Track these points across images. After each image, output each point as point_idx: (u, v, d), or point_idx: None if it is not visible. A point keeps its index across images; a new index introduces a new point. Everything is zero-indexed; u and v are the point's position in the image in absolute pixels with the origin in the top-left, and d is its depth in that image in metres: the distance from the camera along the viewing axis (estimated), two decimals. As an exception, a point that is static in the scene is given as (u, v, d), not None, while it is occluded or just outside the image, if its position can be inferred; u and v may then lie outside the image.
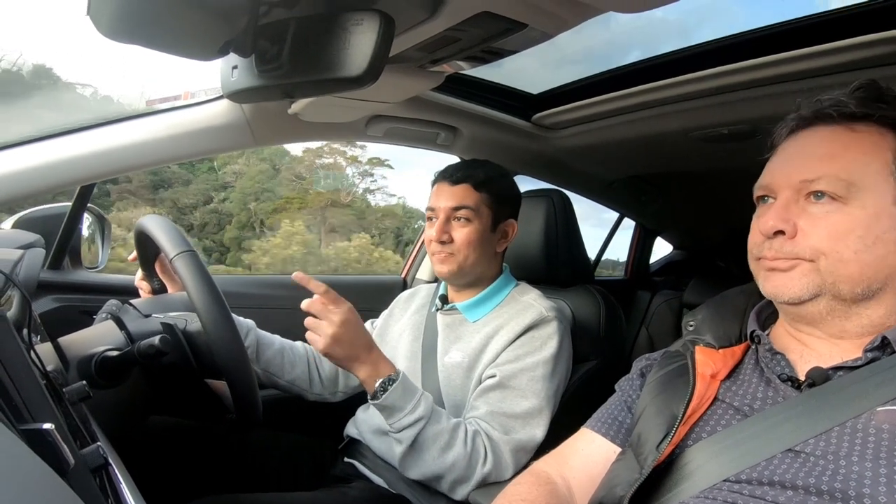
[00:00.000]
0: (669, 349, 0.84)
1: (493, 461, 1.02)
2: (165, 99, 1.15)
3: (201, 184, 15.73)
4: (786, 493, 0.57)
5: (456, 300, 1.24)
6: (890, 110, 0.65)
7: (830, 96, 0.68)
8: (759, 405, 0.68)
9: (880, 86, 0.67)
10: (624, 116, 1.35)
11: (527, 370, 1.08)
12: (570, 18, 0.80)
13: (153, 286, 1.13)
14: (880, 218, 0.62)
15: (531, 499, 0.75)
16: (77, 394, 0.61)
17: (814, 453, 0.59)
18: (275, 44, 0.65)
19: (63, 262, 1.37)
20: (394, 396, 0.97)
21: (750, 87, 1.09)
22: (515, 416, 1.05)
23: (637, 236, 2.59)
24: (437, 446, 0.99)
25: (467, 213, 1.17)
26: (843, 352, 0.66)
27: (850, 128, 0.65)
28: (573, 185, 1.88)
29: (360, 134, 1.36)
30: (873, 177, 0.63)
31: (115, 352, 0.84)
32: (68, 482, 0.32)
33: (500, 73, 1.36)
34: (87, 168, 1.06)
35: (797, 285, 0.65)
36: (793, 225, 0.65)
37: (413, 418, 0.97)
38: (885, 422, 0.58)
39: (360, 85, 0.61)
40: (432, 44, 0.86)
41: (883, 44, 0.89)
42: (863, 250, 0.62)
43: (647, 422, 0.72)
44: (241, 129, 1.16)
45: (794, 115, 0.71)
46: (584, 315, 1.32)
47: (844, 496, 0.54)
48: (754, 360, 0.74)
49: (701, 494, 0.62)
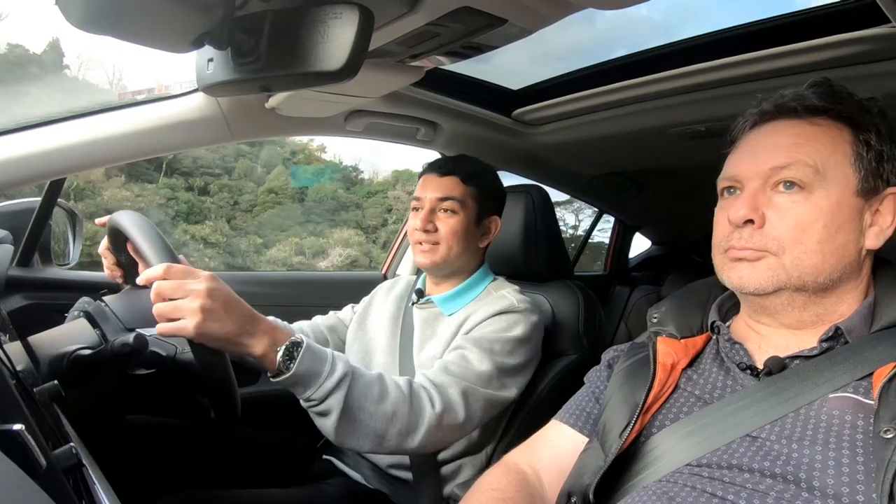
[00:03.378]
0: (636, 340, 0.86)
1: (442, 401, 0.95)
2: (138, 91, 1.13)
3: (370, 207, 14.83)
4: (743, 475, 0.60)
5: (433, 293, 1.24)
6: (846, 105, 0.68)
7: (790, 92, 0.71)
8: (719, 393, 0.70)
9: (833, 83, 0.70)
10: (604, 113, 1.36)
11: (487, 340, 1.06)
12: (549, 15, 0.80)
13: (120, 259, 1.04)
14: (842, 207, 0.65)
15: (501, 487, 0.76)
16: (49, 394, 0.60)
17: (769, 438, 0.62)
18: (251, 36, 0.64)
19: (33, 258, 1.34)
20: (306, 362, 0.82)
21: (728, 85, 1.11)
22: (468, 371, 1.01)
23: (616, 232, 2.62)
24: (371, 400, 0.88)
25: (453, 204, 1.17)
26: (800, 341, 0.69)
27: (811, 121, 0.69)
28: (553, 181, 1.89)
29: (339, 129, 1.35)
30: (835, 168, 0.66)
31: (87, 350, 0.82)
32: (40, 484, 0.32)
33: (482, 68, 1.36)
34: (58, 162, 1.03)
35: (763, 277, 0.67)
36: (761, 214, 0.67)
37: (335, 379, 0.84)
38: (836, 408, 0.61)
39: (338, 79, 0.61)
40: (412, 38, 0.86)
41: (855, 43, 0.91)
42: (826, 239, 0.65)
43: (612, 411, 0.74)
44: (217, 124, 1.14)
45: (756, 109, 0.74)
46: (563, 310, 1.33)
47: (795, 479, 0.56)
48: (715, 349, 0.76)
49: (663, 479, 0.65)
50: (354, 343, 1.29)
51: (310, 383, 0.83)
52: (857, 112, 0.68)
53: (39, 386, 0.60)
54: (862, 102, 0.69)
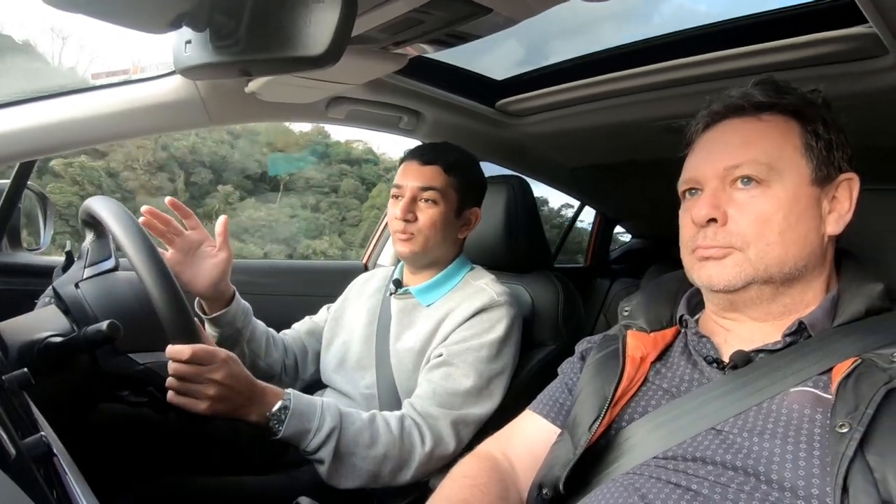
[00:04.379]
0: (608, 333, 0.88)
1: (432, 437, 1.01)
2: (113, 73, 1.10)
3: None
4: (706, 467, 0.62)
5: (410, 283, 1.24)
6: (792, 99, 0.70)
7: (737, 91, 0.73)
8: (686, 386, 0.72)
9: (776, 80, 0.73)
10: (587, 105, 1.37)
11: (472, 350, 1.09)
12: (535, 4, 0.80)
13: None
14: (799, 198, 0.68)
15: (473, 474, 0.77)
16: (18, 381, 0.59)
17: (732, 431, 0.63)
18: (231, 18, 0.63)
19: (1, 243, 1.30)
20: (293, 424, 0.90)
21: (711, 80, 1.12)
22: (457, 393, 1.06)
23: (597, 224, 2.64)
24: (362, 445, 0.95)
25: (434, 194, 1.17)
26: (765, 335, 0.71)
27: (758, 118, 0.71)
28: (535, 173, 1.89)
29: (320, 116, 1.33)
30: (787, 160, 0.68)
31: (59, 338, 0.80)
32: (9, 473, 0.31)
33: (465, 57, 1.35)
34: (28, 143, 1.00)
35: (730, 273, 0.68)
36: (723, 212, 0.69)
37: (323, 434, 0.92)
38: (795, 402, 0.62)
39: (320, 65, 0.59)
40: (395, 25, 0.85)
41: (834, 42, 0.93)
42: (787, 230, 0.67)
43: (582, 404, 0.75)
44: (195, 107, 1.12)
45: (706, 111, 0.76)
46: (543, 301, 1.34)
47: (755, 472, 0.58)
48: (683, 343, 0.78)
49: (631, 471, 0.66)
50: (333, 340, 1.29)
51: (300, 440, 0.92)
52: (802, 104, 0.70)
53: (8, 374, 0.59)
54: (806, 95, 0.72)
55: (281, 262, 1.36)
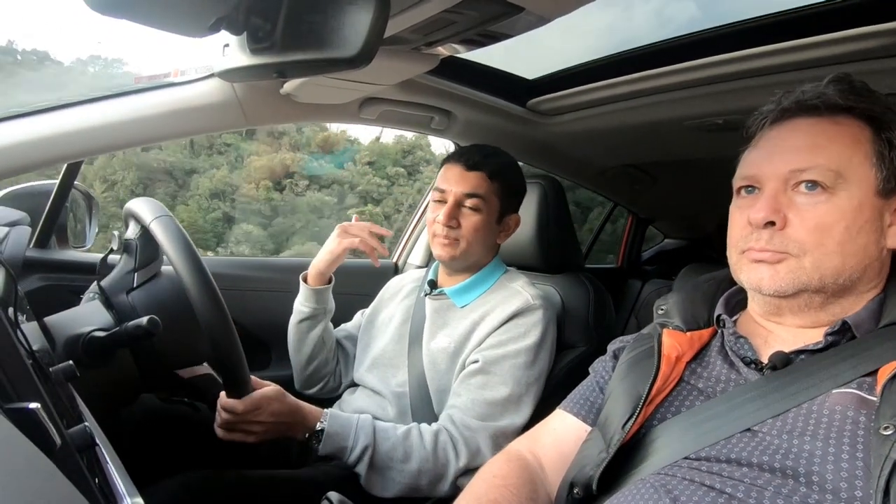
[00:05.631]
0: (642, 332, 0.86)
1: (468, 452, 1.02)
2: (154, 76, 1.13)
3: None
4: (741, 469, 0.60)
5: (445, 285, 1.24)
6: (868, 103, 0.66)
7: (811, 88, 0.69)
8: (723, 387, 0.70)
9: (853, 79, 0.68)
10: (619, 104, 1.34)
11: (509, 357, 1.08)
12: (568, 2, 0.79)
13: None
14: (863, 208, 0.64)
15: (502, 474, 0.77)
16: (64, 374, 0.61)
17: (769, 433, 0.61)
18: (267, 21, 0.64)
19: (50, 240, 1.35)
20: (329, 443, 0.99)
21: (746, 77, 1.09)
22: (495, 403, 1.06)
23: (630, 225, 2.60)
24: (397, 461, 1.00)
25: (478, 202, 1.16)
26: (807, 338, 0.68)
27: (833, 120, 0.67)
28: (567, 172, 1.87)
29: (353, 116, 1.34)
30: (856, 168, 0.64)
31: (102, 332, 0.83)
32: (55, 462, 0.32)
33: (496, 56, 1.34)
34: (75, 145, 1.04)
35: (784, 279, 0.66)
36: (783, 216, 0.66)
37: (357, 452, 0.99)
38: (838, 403, 0.60)
39: (354, 66, 0.60)
40: (427, 26, 0.85)
41: (877, 37, 0.89)
42: (847, 241, 0.64)
43: (615, 402, 0.74)
44: (232, 109, 1.14)
45: (776, 106, 0.72)
46: (574, 302, 1.33)
47: (794, 473, 0.56)
48: (720, 343, 0.76)
49: (661, 471, 0.64)
50: (367, 341, 1.32)
51: (339, 456, 1.00)
52: (879, 110, 0.66)
53: (55, 366, 0.61)
54: (885, 99, 0.67)
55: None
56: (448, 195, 1.17)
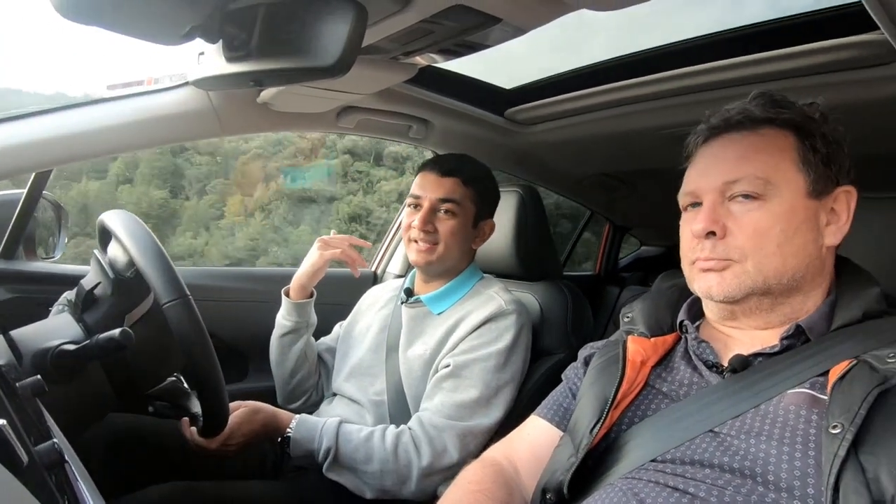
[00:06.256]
0: (610, 339, 0.89)
1: (431, 451, 1.03)
2: (127, 84, 1.11)
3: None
4: (704, 470, 0.62)
5: (421, 292, 1.25)
6: (789, 113, 0.71)
7: (736, 106, 0.74)
8: (686, 390, 0.73)
9: (774, 94, 0.73)
10: (596, 113, 1.36)
11: (479, 360, 1.09)
12: (544, 14, 0.80)
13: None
14: (796, 211, 0.68)
15: (477, 479, 0.78)
16: (32, 388, 0.59)
17: (730, 433, 0.64)
18: (243, 30, 0.64)
19: (17, 251, 1.32)
20: (296, 448, 1.05)
21: (720, 88, 1.11)
22: (464, 405, 1.06)
23: (607, 233, 2.63)
24: (359, 461, 1.03)
25: (453, 206, 1.18)
26: (764, 341, 0.71)
27: (757, 132, 0.72)
28: (545, 181, 1.89)
29: (331, 125, 1.34)
30: (784, 173, 0.69)
31: (72, 345, 0.81)
32: (22, 480, 0.31)
33: (475, 66, 1.35)
34: (44, 154, 1.01)
35: (730, 285, 0.70)
36: (722, 226, 0.70)
37: (322, 453, 1.03)
38: (792, 403, 0.63)
39: (331, 75, 0.60)
40: (405, 35, 0.86)
41: (844, 49, 0.92)
42: (784, 242, 0.68)
43: (583, 407, 0.76)
44: (207, 117, 1.13)
45: (705, 125, 0.77)
46: (552, 309, 1.33)
47: (752, 473, 0.59)
48: (684, 348, 0.79)
49: (629, 475, 0.67)
50: (345, 351, 1.31)
51: (310, 460, 1.05)
52: (800, 118, 0.71)
53: (22, 381, 0.59)
54: (804, 109, 0.72)
55: (290, 270, 1.37)
56: (423, 201, 1.19)
